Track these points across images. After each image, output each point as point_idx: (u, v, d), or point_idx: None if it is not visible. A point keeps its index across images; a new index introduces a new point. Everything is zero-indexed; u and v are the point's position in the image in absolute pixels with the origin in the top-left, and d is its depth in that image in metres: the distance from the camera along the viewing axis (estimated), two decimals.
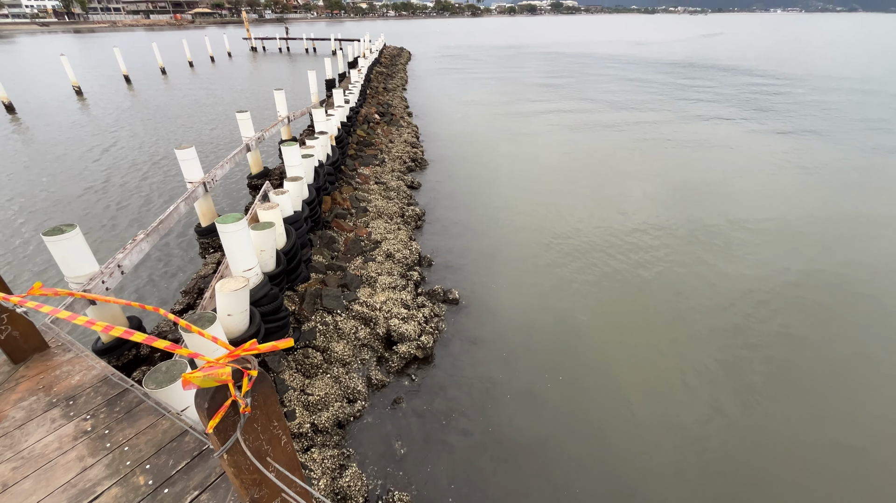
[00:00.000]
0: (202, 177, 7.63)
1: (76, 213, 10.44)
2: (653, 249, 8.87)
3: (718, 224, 9.94)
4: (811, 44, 65.68)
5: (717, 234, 9.47)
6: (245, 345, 1.20)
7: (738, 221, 10.05)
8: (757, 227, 9.82)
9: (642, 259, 8.54)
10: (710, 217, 10.28)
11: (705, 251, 8.82)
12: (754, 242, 9.16)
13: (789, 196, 11.51)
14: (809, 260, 8.53)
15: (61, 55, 26.05)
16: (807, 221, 10.10)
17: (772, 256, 8.63)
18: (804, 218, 10.26)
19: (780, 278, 7.93)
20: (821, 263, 8.42)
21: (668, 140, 16.43)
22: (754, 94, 25.39)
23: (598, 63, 42.59)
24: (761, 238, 9.33)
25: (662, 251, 8.81)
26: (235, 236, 4.94)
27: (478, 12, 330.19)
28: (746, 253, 8.75)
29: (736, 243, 9.11)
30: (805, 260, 8.52)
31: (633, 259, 8.54)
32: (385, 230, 8.80)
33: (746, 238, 9.33)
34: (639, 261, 8.48)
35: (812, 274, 8.09)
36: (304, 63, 41.70)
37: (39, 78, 31.47)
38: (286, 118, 13.02)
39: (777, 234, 9.48)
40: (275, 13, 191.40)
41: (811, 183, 12.42)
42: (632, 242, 9.14)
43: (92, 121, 19.18)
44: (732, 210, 10.62)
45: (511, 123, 19.10)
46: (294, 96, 23.05)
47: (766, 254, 8.73)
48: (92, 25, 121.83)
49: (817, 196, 11.51)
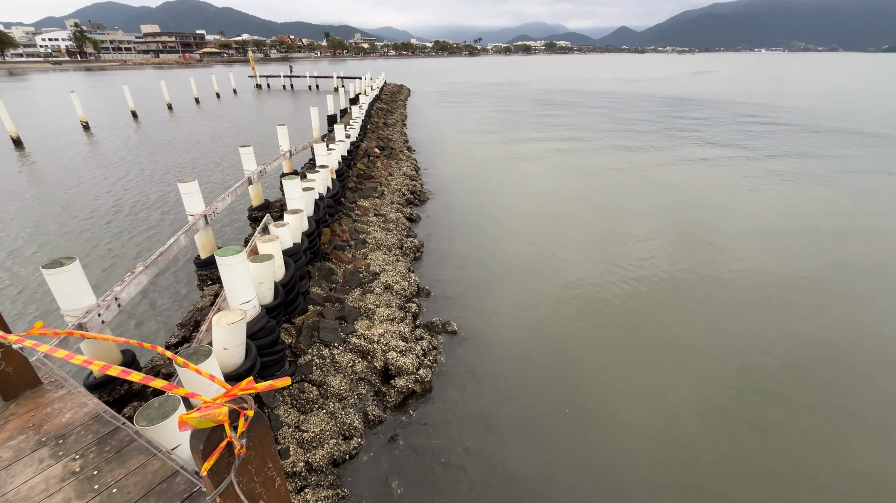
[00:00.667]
0: (203, 209, 7.72)
1: (78, 245, 10.48)
2: (653, 280, 8.89)
3: (721, 255, 10.01)
4: (796, 80, 68.33)
5: (720, 266, 9.52)
6: (242, 384, 1.20)
7: (742, 252, 10.13)
8: (761, 254, 9.89)
9: (642, 289, 8.55)
10: (712, 249, 10.37)
11: (708, 282, 8.85)
12: (759, 272, 9.20)
13: (791, 225, 11.66)
14: (815, 290, 8.55)
15: (71, 92, 26.88)
16: (812, 252, 10.19)
17: (777, 287, 8.65)
18: (809, 248, 10.36)
19: (785, 308, 7.92)
20: (828, 296, 8.43)
21: (666, 171, 16.79)
22: (747, 127, 26.17)
23: (592, 98, 44.10)
24: (766, 267, 9.38)
25: (663, 282, 8.84)
26: (234, 269, 4.96)
27: (475, 52, 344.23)
28: (751, 284, 8.77)
29: (740, 274, 9.15)
30: (810, 291, 8.54)
31: (633, 289, 8.54)
32: (384, 262, 8.83)
33: (751, 268, 9.37)
34: (639, 291, 8.48)
35: (820, 307, 8.08)
36: (308, 99, 43.03)
37: (49, 113, 32.33)
38: (288, 152, 13.32)
39: (781, 263, 9.54)
40: (280, 52, 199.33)
41: (813, 214, 12.61)
42: (632, 273, 9.17)
43: (97, 155, 19.56)
44: (735, 240, 10.73)
45: (508, 156, 19.55)
46: (297, 131, 23.68)
47: (771, 284, 8.76)
48: (103, 64, 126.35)
49: (822, 228, 11.66)
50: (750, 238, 10.94)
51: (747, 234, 11.15)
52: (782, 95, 45.94)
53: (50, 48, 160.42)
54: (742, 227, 11.65)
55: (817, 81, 67.70)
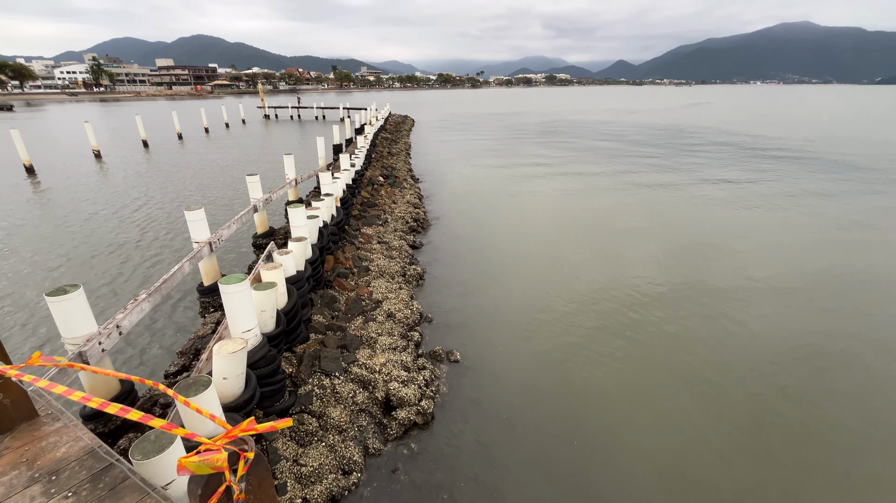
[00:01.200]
0: (208, 237, 7.79)
1: (84, 271, 10.54)
2: (658, 308, 8.80)
3: (725, 281, 9.93)
4: (792, 111, 69.68)
5: (725, 293, 9.44)
6: (243, 425, 1.17)
7: (747, 278, 10.05)
8: (767, 283, 9.80)
9: (647, 317, 8.45)
10: (717, 275, 10.30)
11: (713, 310, 8.74)
12: (766, 301, 9.09)
13: (799, 252, 11.60)
14: (827, 319, 8.42)
15: (85, 122, 27.68)
16: (819, 279, 10.10)
17: (787, 316, 8.53)
18: (817, 274, 10.28)
19: (798, 340, 7.78)
20: (841, 324, 8.30)
21: (669, 198, 16.91)
22: (747, 154, 26.52)
23: (593, 127, 45.00)
24: (773, 296, 9.28)
25: (668, 310, 8.74)
26: (237, 297, 4.96)
27: (477, 84, 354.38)
28: (759, 313, 8.66)
29: (746, 302, 9.04)
30: (823, 319, 8.42)
31: (639, 316, 8.45)
32: (386, 289, 8.80)
33: (757, 297, 9.27)
34: (643, 319, 8.38)
35: (835, 336, 7.94)
36: (314, 129, 44.10)
37: (62, 142, 33.20)
38: (294, 180, 13.55)
39: (790, 292, 9.45)
40: (288, 85, 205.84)
41: (818, 239, 12.58)
42: (637, 299, 9.09)
43: (106, 182, 19.95)
44: (739, 267, 10.67)
45: (511, 183, 19.79)
46: (303, 160, 24.14)
47: (779, 313, 8.64)
48: (117, 95, 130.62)
49: (827, 251, 11.61)
50: (757, 262, 10.89)
51: (754, 258, 11.10)
52: (779, 125, 46.75)
53: (67, 80, 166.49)
54: (748, 251, 11.61)
55: (813, 112, 69.01)
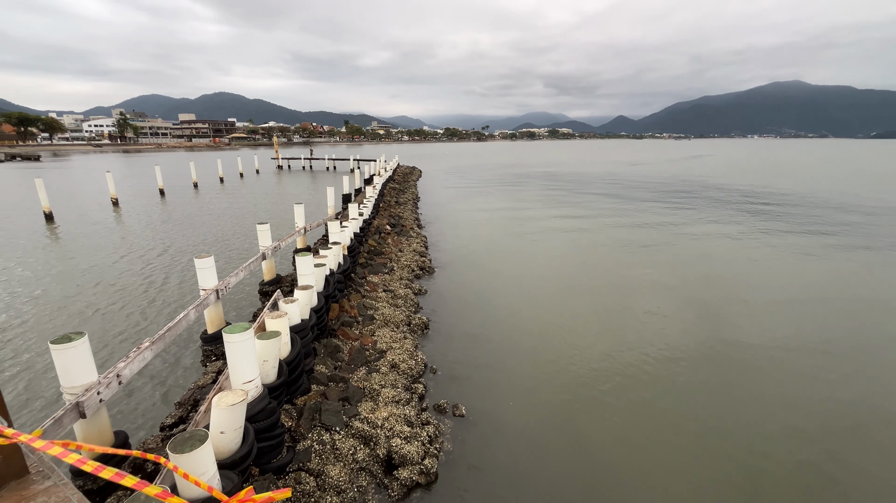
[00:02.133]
0: (216, 284, 7.85)
1: (91, 318, 10.55)
2: (671, 359, 8.54)
3: (739, 331, 9.69)
4: (789, 163, 71.19)
5: (739, 343, 9.17)
6: (240, 495, 1.12)
7: (761, 325, 9.80)
8: (781, 328, 9.54)
9: (661, 370, 8.17)
10: (729, 324, 10.07)
11: (729, 360, 8.46)
12: (780, 347, 8.81)
13: (811, 306, 11.39)
14: (846, 371, 8.10)
15: (107, 171, 28.90)
16: (836, 325, 9.83)
17: (805, 374, 8.23)
18: (833, 321, 10.01)
19: (819, 405, 7.45)
20: (863, 387, 7.97)
21: (675, 246, 16.92)
22: (751, 205, 26.80)
23: (596, 178, 46.09)
24: (788, 341, 9.00)
25: (681, 361, 8.47)
26: (240, 346, 4.91)
27: (483, 137, 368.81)
28: (775, 369, 8.36)
29: (762, 358, 8.76)
30: (840, 370, 8.10)
31: (652, 369, 8.18)
32: (391, 339, 8.68)
33: (774, 354, 8.99)
34: (658, 372, 8.11)
35: (858, 401, 7.61)
36: (325, 179, 45.60)
37: (83, 191, 34.50)
38: (303, 229, 13.82)
39: (806, 348, 9.16)
40: (302, 138, 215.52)
41: (830, 290, 12.38)
42: (648, 352, 8.85)
43: (121, 230, 20.47)
44: (753, 320, 10.44)
45: (516, 232, 20.00)
46: (313, 209, 24.77)
47: (798, 371, 8.34)
48: (139, 147, 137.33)
49: (841, 303, 11.38)
50: (767, 311, 10.66)
51: (763, 308, 10.88)
52: (779, 176, 47.61)
53: (94, 133, 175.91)
54: (760, 303, 11.41)
55: (810, 164, 70.43)
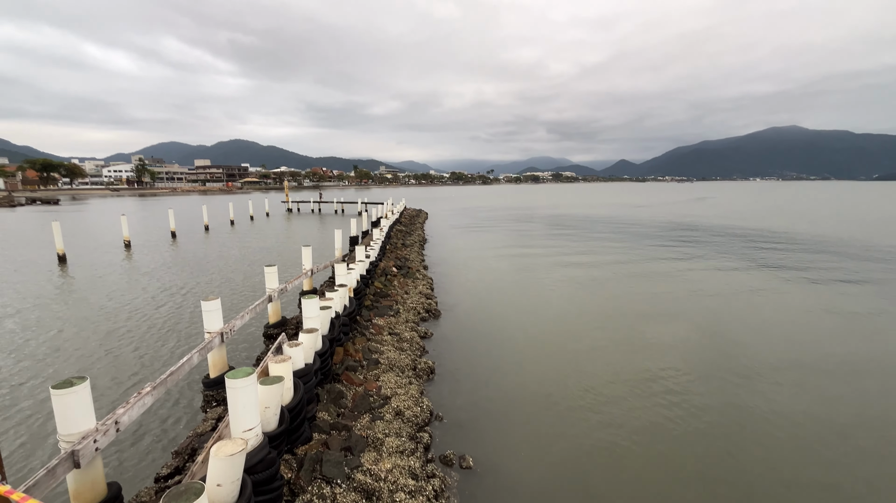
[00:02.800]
0: (221, 327, 7.81)
1: (94, 361, 10.46)
2: (684, 411, 8.18)
3: (753, 375, 9.32)
4: (792, 205, 71.46)
5: (757, 389, 8.80)
6: None
7: (777, 372, 9.43)
8: (802, 380, 9.16)
9: (673, 420, 7.81)
10: (747, 369, 9.71)
11: (749, 406, 8.09)
12: (801, 400, 8.42)
13: (823, 343, 11.02)
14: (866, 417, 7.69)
15: (122, 215, 29.70)
16: (848, 371, 9.43)
17: (832, 432, 7.82)
18: (847, 367, 9.62)
19: (844, 456, 7.04)
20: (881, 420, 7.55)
21: (685, 287, 16.68)
22: (759, 247, 26.64)
23: (601, 220, 46.44)
24: (808, 389, 8.61)
25: (697, 409, 8.11)
26: (242, 392, 4.80)
27: (488, 181, 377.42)
28: (793, 410, 7.98)
29: (778, 399, 8.38)
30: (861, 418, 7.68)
31: (662, 419, 7.82)
32: (396, 384, 8.46)
33: (790, 394, 8.61)
34: (670, 422, 7.74)
35: (877, 440, 7.19)
36: (333, 222, 46.40)
37: (98, 233, 35.32)
38: (310, 271, 13.90)
39: (822, 385, 8.77)
40: (312, 182, 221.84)
41: (843, 328, 12.01)
42: (658, 401, 8.50)
43: (131, 271, 20.72)
44: (765, 360, 10.08)
45: (522, 275, 19.93)
46: (320, 251, 25.03)
47: (824, 427, 7.94)
48: (155, 191, 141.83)
49: (855, 341, 10.99)
50: (785, 360, 10.29)
51: (780, 354, 10.52)
52: (783, 218, 47.67)
53: (113, 178, 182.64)
54: (776, 347, 11.06)
55: (819, 206, 70.65)
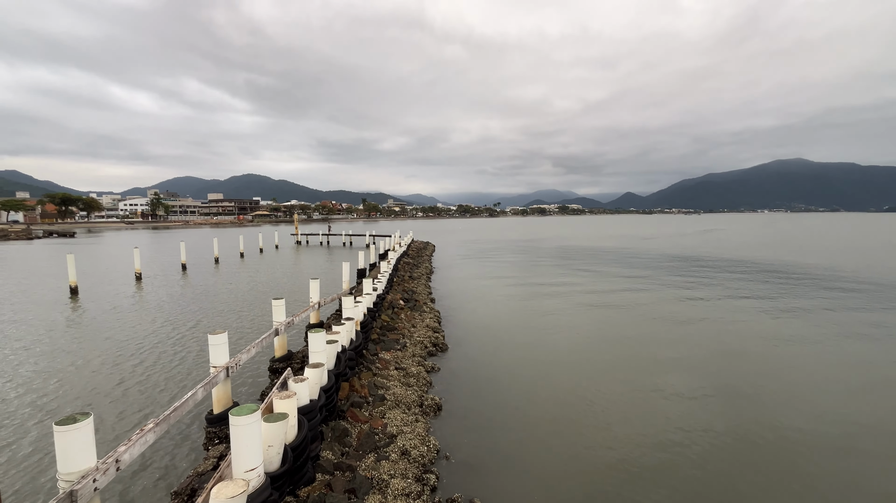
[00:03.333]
0: (227, 361, 7.75)
1: (98, 395, 10.38)
2: (698, 452, 7.82)
3: (778, 424, 8.94)
4: (800, 237, 70.69)
5: (777, 430, 8.42)
6: None
7: (801, 418, 9.04)
8: (829, 431, 8.76)
9: (688, 458, 7.45)
10: (768, 416, 9.33)
11: (767, 446, 7.71)
12: (828, 451, 8.02)
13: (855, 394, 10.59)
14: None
15: (135, 248, 30.24)
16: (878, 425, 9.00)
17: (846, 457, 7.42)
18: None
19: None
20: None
21: (695, 320, 16.33)
22: (771, 278, 26.18)
23: (609, 252, 46.20)
24: (829, 428, 8.21)
25: (713, 447, 7.75)
26: (246, 430, 4.71)
27: (495, 213, 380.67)
28: (820, 461, 7.58)
29: (801, 445, 8.00)
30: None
31: (676, 457, 7.46)
32: (402, 422, 8.24)
33: (815, 442, 8.22)
34: (684, 459, 7.39)
35: None
36: (341, 255, 46.76)
37: (110, 265, 35.88)
38: (317, 304, 13.89)
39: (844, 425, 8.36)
40: (321, 215, 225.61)
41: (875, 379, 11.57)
42: (672, 441, 8.15)
43: (141, 304, 20.87)
44: (792, 409, 9.69)
45: (530, 307, 19.70)
46: (328, 283, 25.11)
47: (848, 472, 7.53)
48: (168, 224, 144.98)
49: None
50: (806, 405, 9.89)
51: (801, 400, 10.12)
52: (794, 250, 47.09)
53: (128, 211, 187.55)
54: (795, 391, 10.66)
55: (820, 238, 69.86)
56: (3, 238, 72.86)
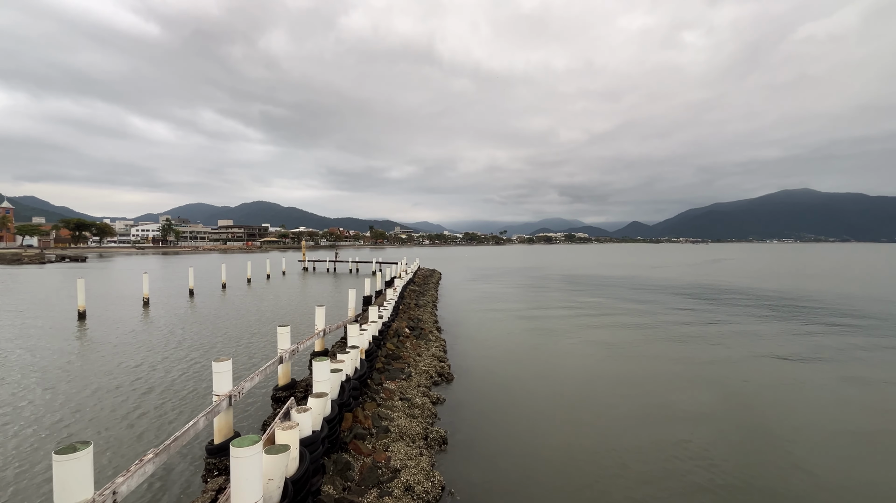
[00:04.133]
0: (230, 390, 7.66)
1: (101, 424, 10.25)
2: (715, 486, 7.46)
3: (794, 466, 8.56)
4: (815, 267, 69.64)
5: (800, 472, 8.04)
6: None
7: (826, 462, 8.65)
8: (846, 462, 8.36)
9: (706, 497, 7.10)
10: (782, 451, 8.95)
11: (788, 489, 7.33)
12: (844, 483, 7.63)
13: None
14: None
15: (144, 272, 30.56)
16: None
17: None
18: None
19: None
20: None
21: (709, 355, 15.93)
22: (786, 310, 25.66)
23: (617, 281, 45.78)
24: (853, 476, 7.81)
25: (732, 487, 7.38)
26: (247, 462, 4.60)
27: (501, 241, 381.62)
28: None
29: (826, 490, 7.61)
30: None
31: (689, 488, 7.12)
32: (405, 455, 8.00)
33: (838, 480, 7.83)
34: (699, 489, 7.04)
35: None
36: (347, 281, 46.82)
37: (119, 290, 36.18)
38: (322, 331, 13.81)
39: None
40: (329, 242, 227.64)
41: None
42: (682, 468, 7.80)
43: (147, 329, 20.88)
44: (810, 454, 9.30)
45: (538, 337, 19.40)
46: (334, 310, 25.03)
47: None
48: (178, 249, 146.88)
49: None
50: (828, 442, 9.49)
51: (824, 436, 9.72)
52: (811, 281, 46.35)
53: (140, 237, 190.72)
54: (812, 431, 10.26)
55: (834, 268, 68.81)
56: (17, 262, 74.15)
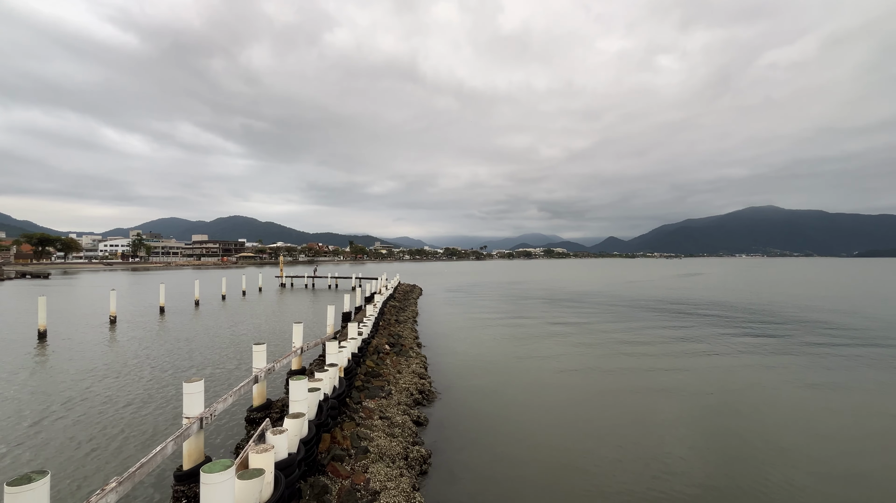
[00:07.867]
0: (201, 412, 7.34)
1: (58, 451, 9.61)
2: (699, 493, 7.53)
3: (774, 477, 8.73)
4: (782, 282, 72.60)
5: (788, 484, 8.18)
6: None
7: (796, 469, 8.84)
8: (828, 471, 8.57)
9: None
10: (768, 464, 9.12)
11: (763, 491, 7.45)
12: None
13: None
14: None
15: (112, 289, 29.29)
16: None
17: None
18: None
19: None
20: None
21: (693, 371, 16.22)
22: (758, 323, 26.50)
23: (595, 296, 46.44)
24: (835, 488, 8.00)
25: (717, 494, 7.46)
26: (218, 488, 4.40)
27: (481, 256, 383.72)
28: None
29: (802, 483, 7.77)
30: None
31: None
32: (385, 477, 7.78)
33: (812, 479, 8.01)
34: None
35: None
36: (326, 297, 45.99)
37: (84, 308, 34.50)
38: (300, 349, 13.47)
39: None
40: (307, 257, 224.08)
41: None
42: (670, 482, 7.84)
43: (112, 350, 19.91)
44: (779, 439, 9.51)
45: (520, 352, 19.40)
46: (312, 327, 24.47)
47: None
48: (148, 265, 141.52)
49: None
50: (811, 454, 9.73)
51: (790, 434, 9.97)
52: (777, 294, 48.19)
53: (108, 252, 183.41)
54: (790, 441, 10.51)
55: (792, 282, 71.88)
56: None
